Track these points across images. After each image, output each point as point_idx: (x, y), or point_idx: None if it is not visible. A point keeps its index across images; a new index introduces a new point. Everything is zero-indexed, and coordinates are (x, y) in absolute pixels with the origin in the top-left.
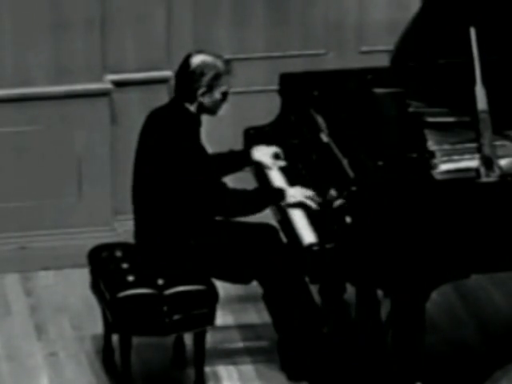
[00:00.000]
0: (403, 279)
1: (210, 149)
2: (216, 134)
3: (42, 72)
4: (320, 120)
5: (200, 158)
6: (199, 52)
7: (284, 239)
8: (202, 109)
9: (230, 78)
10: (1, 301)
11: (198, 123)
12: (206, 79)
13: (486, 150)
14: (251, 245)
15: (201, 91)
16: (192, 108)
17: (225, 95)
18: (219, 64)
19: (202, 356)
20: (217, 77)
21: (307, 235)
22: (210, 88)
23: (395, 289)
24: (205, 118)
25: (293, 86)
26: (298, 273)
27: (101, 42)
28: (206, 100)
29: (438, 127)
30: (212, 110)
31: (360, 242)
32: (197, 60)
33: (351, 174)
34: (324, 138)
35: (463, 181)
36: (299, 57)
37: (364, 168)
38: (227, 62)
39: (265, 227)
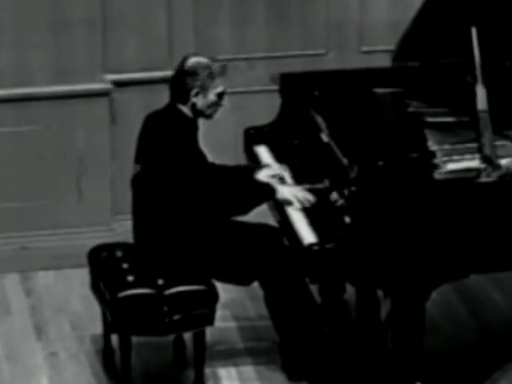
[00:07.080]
0: (403, 279)
1: (210, 149)
2: (216, 134)
3: (42, 72)
4: (320, 120)
5: (194, 159)
6: (194, 54)
7: (285, 240)
8: (197, 111)
9: (225, 80)
10: (1, 301)
11: (195, 127)
12: (199, 79)
13: (486, 150)
14: (253, 246)
15: (194, 91)
16: (187, 111)
17: (220, 97)
18: (213, 65)
19: (202, 356)
20: (210, 77)
21: (307, 235)
22: (204, 89)
23: (395, 289)
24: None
25: (293, 86)
26: (298, 273)
27: (101, 42)
28: (199, 101)
29: (438, 127)
30: (206, 113)
31: (360, 242)
32: (191, 61)
33: (351, 174)
34: (324, 137)
35: (463, 181)
36: (299, 57)
37: (364, 168)
38: (223, 65)
39: (267, 228)
